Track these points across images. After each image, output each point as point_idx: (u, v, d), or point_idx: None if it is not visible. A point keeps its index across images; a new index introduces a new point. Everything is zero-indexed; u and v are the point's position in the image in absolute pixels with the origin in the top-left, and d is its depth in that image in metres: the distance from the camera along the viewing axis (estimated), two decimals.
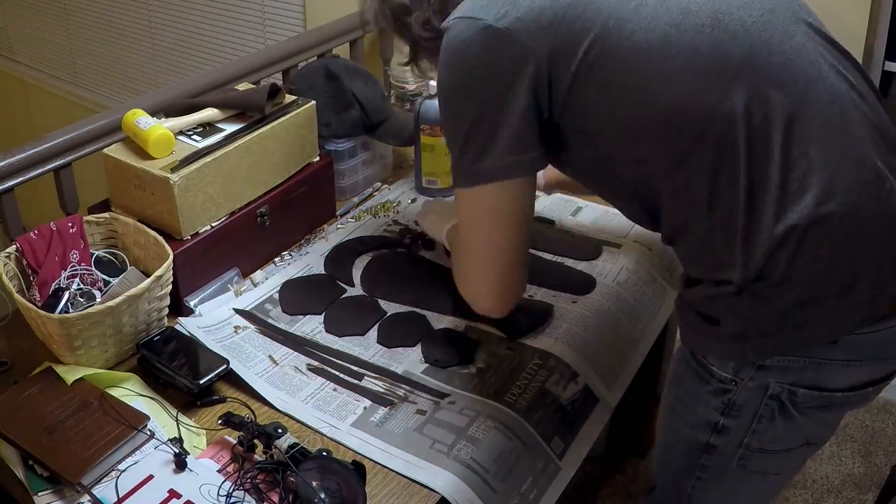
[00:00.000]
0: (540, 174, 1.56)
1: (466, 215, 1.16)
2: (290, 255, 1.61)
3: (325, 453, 1.10)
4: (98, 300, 1.32)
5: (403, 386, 1.29)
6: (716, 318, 1.08)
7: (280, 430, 1.12)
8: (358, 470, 1.10)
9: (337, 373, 1.32)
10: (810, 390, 1.06)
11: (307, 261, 1.59)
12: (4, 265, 1.31)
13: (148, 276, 1.30)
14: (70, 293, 1.30)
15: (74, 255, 1.37)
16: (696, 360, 1.13)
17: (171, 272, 1.34)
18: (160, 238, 1.36)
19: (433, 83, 1.69)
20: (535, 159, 1.10)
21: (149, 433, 1.18)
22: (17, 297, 1.27)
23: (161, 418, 1.22)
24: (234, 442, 1.16)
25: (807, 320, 1.02)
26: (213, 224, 1.45)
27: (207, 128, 1.50)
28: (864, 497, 2.09)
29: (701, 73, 0.99)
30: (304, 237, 1.65)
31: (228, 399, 1.27)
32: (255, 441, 1.14)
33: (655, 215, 1.12)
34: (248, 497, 1.09)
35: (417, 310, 1.45)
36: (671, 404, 1.23)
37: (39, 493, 1.11)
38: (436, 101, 1.68)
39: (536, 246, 1.62)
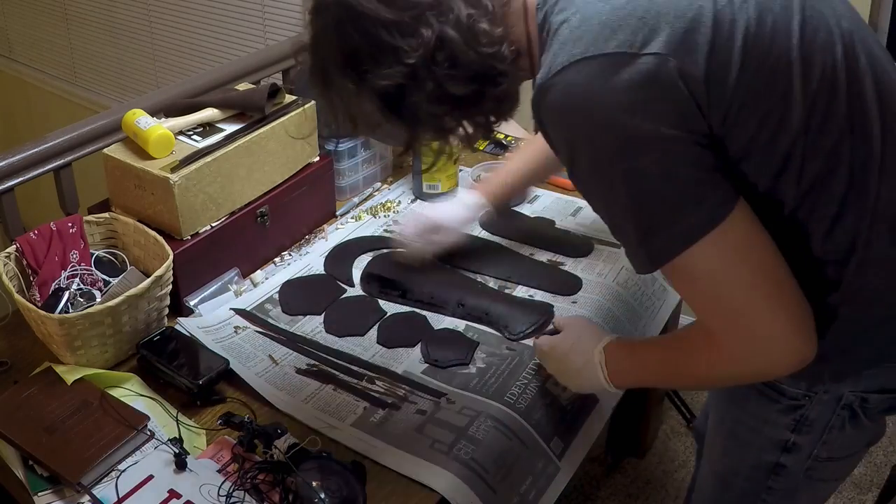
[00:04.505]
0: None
1: (710, 276, 0.95)
2: (290, 255, 1.60)
3: (325, 453, 1.10)
4: (98, 300, 1.32)
5: (403, 386, 1.29)
6: None
7: (280, 430, 1.12)
8: (358, 470, 1.10)
9: (337, 373, 1.31)
10: (880, 394, 1.04)
11: (307, 261, 1.59)
12: (4, 265, 1.31)
13: (148, 276, 1.30)
14: (70, 293, 1.30)
15: (74, 255, 1.37)
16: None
17: (171, 272, 1.34)
18: (160, 238, 1.36)
19: None
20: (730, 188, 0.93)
21: (149, 433, 1.18)
22: (17, 297, 1.27)
23: (161, 418, 1.22)
24: (234, 442, 1.16)
25: (886, 335, 1.00)
26: (213, 224, 1.45)
27: (207, 128, 1.50)
28: (864, 497, 2.09)
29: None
30: (304, 237, 1.65)
31: (228, 399, 1.27)
32: (255, 441, 1.14)
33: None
34: (248, 497, 1.09)
35: (417, 310, 1.45)
36: (731, 429, 1.17)
37: (39, 493, 1.11)
38: None
39: (532, 244, 1.62)
